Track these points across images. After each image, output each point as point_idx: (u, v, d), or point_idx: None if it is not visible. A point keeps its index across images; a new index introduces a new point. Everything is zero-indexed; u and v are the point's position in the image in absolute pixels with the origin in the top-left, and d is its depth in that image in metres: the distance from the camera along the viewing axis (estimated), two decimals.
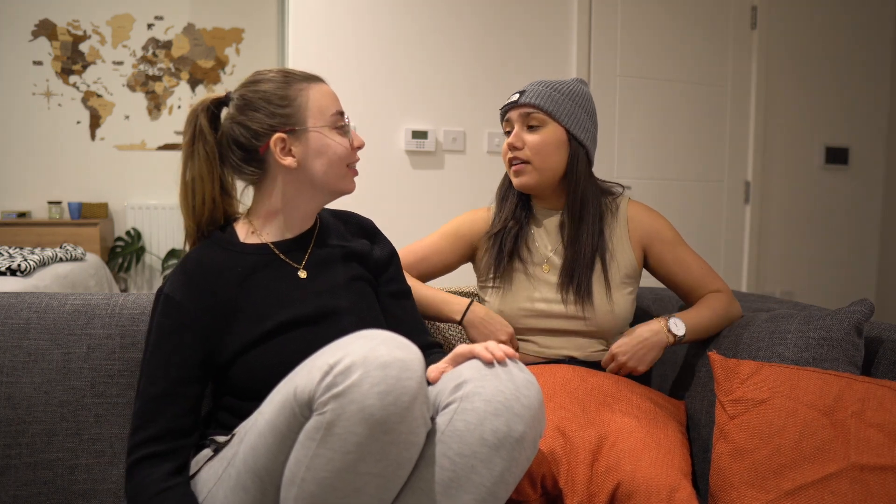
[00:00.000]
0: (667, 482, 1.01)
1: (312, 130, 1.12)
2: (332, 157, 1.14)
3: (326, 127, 1.13)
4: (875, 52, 3.41)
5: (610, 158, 3.02)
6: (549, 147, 1.38)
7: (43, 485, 1.23)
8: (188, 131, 1.15)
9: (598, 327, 1.39)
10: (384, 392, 0.81)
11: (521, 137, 1.39)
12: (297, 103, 1.12)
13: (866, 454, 0.98)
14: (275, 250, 1.16)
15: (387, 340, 0.86)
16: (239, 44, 4.48)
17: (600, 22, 2.94)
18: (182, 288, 1.09)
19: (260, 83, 1.14)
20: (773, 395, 1.09)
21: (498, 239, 1.45)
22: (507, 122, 1.44)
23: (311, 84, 1.14)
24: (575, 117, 1.40)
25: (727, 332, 1.37)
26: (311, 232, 1.21)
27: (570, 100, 1.40)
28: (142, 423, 1.04)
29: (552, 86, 1.40)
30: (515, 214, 1.46)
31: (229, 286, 1.11)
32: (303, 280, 1.15)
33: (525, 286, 1.43)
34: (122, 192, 4.39)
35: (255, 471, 0.91)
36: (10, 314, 1.28)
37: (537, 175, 1.40)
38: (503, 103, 1.48)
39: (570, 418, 1.13)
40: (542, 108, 1.38)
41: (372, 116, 2.74)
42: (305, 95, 1.13)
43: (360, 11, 2.70)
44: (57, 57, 4.27)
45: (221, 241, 1.16)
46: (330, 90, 1.16)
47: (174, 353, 1.06)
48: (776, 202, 3.31)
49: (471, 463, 0.87)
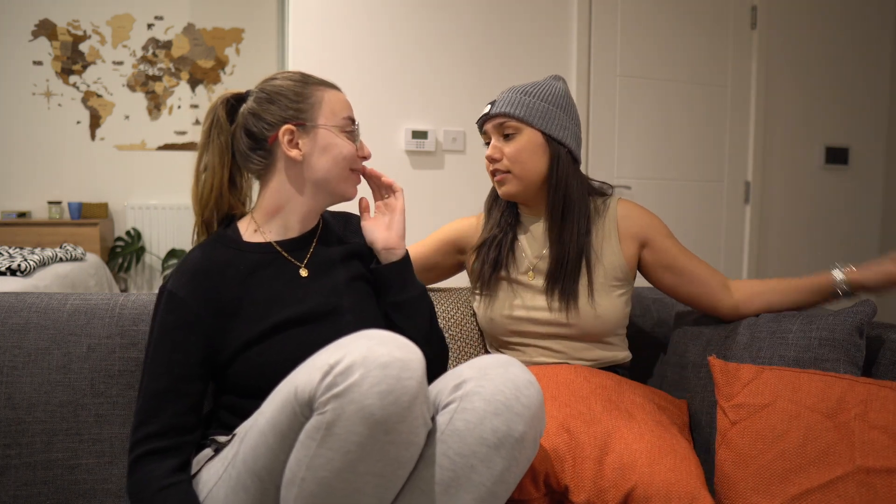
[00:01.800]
0: (687, 490, 1.00)
1: (322, 127, 1.15)
2: (337, 156, 1.16)
3: (336, 127, 1.16)
4: (875, 53, 3.41)
5: (610, 158, 3.02)
6: (526, 153, 1.37)
7: (43, 485, 1.22)
8: (206, 122, 1.19)
9: (582, 332, 1.36)
10: (384, 392, 0.81)
11: (498, 148, 1.39)
12: (310, 101, 1.16)
13: (871, 457, 0.98)
14: (278, 248, 1.17)
15: (387, 340, 0.86)
16: (239, 44, 4.48)
17: (600, 22, 2.94)
18: (185, 285, 1.09)
19: (278, 80, 1.17)
20: (775, 399, 1.09)
21: (483, 250, 1.45)
22: (485, 133, 1.43)
23: (327, 88, 1.19)
24: (550, 117, 1.37)
25: (727, 333, 1.37)
26: (314, 232, 1.22)
27: (542, 101, 1.37)
28: (144, 419, 1.04)
29: (523, 90, 1.38)
30: (501, 224, 1.46)
31: (232, 284, 1.11)
32: (304, 279, 1.16)
33: (509, 294, 1.42)
34: (122, 192, 4.39)
35: (255, 471, 0.91)
36: (10, 314, 1.27)
37: (518, 182, 1.38)
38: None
39: (574, 416, 1.13)
40: (513, 115, 1.36)
41: (372, 116, 2.74)
42: (320, 96, 1.17)
43: (360, 11, 2.70)
44: (57, 57, 4.27)
45: (225, 238, 1.17)
46: (344, 98, 1.20)
47: (176, 350, 1.06)
48: (776, 202, 3.31)
49: (471, 462, 0.87)
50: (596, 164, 2.99)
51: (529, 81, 1.43)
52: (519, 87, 1.40)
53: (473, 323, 1.56)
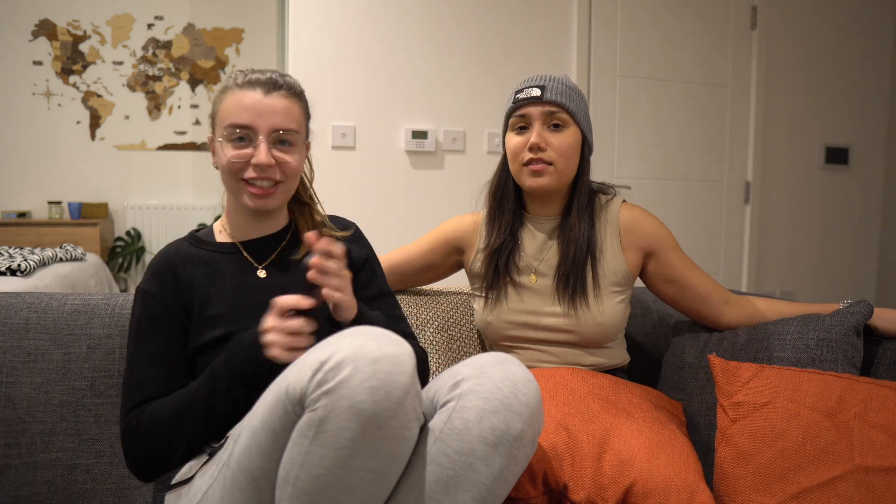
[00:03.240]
0: (686, 483, 1.00)
1: (215, 140, 1.15)
2: (222, 168, 1.14)
3: (223, 138, 1.12)
4: (875, 52, 3.41)
5: (610, 158, 3.02)
6: (571, 149, 1.33)
7: (43, 485, 1.23)
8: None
9: (582, 337, 1.34)
10: (375, 387, 0.81)
11: (545, 137, 1.31)
12: (217, 109, 1.15)
13: (870, 456, 0.98)
14: (239, 248, 1.19)
15: (377, 336, 0.86)
16: (239, 44, 4.48)
17: (600, 22, 2.94)
18: (152, 280, 1.14)
19: (225, 78, 1.17)
20: (775, 398, 1.09)
21: (496, 256, 1.40)
22: (522, 118, 1.34)
23: (236, 92, 1.12)
24: (587, 118, 1.37)
25: (726, 333, 1.37)
26: (284, 234, 1.23)
27: (580, 98, 1.36)
28: (128, 399, 1.08)
29: (565, 84, 1.34)
30: (513, 228, 1.40)
31: (193, 279, 1.15)
32: (262, 279, 1.17)
33: (513, 297, 1.38)
34: (122, 192, 4.39)
35: (249, 471, 0.91)
36: (10, 314, 1.27)
37: (558, 177, 1.33)
38: (515, 93, 1.38)
39: (573, 415, 1.13)
40: (567, 107, 1.31)
41: (372, 116, 2.74)
42: (221, 104, 1.13)
43: (360, 11, 2.70)
44: (57, 57, 4.27)
45: (193, 238, 1.21)
46: (246, 99, 1.10)
47: (153, 342, 1.10)
48: (776, 202, 3.31)
49: (469, 461, 0.87)
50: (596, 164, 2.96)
51: (549, 74, 1.37)
52: (558, 77, 1.35)
53: (473, 324, 1.56)
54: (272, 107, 1.11)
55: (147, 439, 1.04)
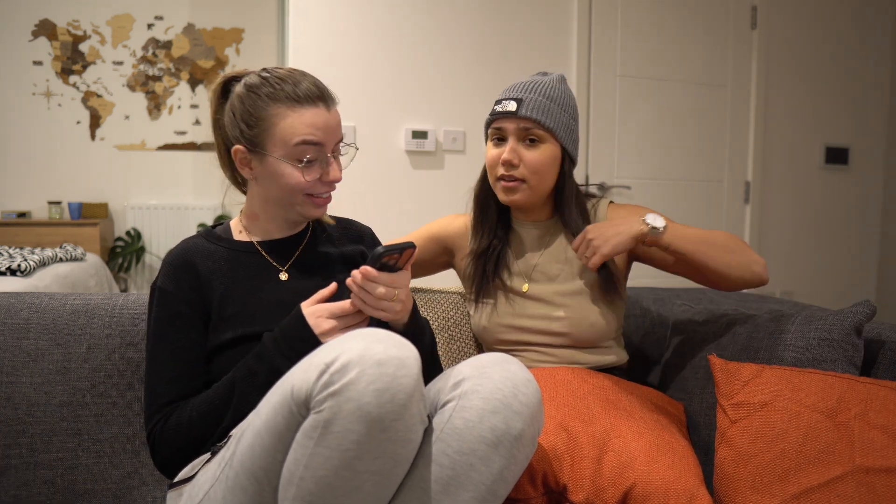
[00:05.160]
0: (686, 487, 1.00)
1: (269, 156, 1.10)
2: (285, 186, 1.11)
3: (287, 156, 1.09)
4: (875, 52, 3.41)
5: (610, 158, 3.02)
6: (546, 166, 1.31)
7: (43, 485, 1.23)
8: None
9: (576, 340, 1.35)
10: (381, 390, 0.81)
11: (517, 153, 1.30)
12: (262, 125, 1.09)
13: (871, 456, 0.98)
14: (259, 249, 1.18)
15: (383, 339, 0.86)
16: (239, 44, 4.48)
17: (600, 22, 2.94)
18: (169, 278, 1.13)
19: (240, 86, 1.12)
20: (775, 398, 1.09)
21: (482, 260, 1.40)
22: (498, 130, 1.33)
23: (295, 109, 1.08)
24: (570, 131, 1.34)
25: (726, 332, 1.36)
26: (303, 235, 1.22)
27: (562, 110, 1.32)
28: (152, 400, 1.08)
29: (547, 95, 1.31)
30: (498, 233, 1.40)
31: (213, 277, 1.13)
32: (283, 282, 1.16)
33: (503, 303, 1.39)
34: (122, 192, 4.39)
35: (252, 471, 0.91)
36: (10, 314, 1.27)
37: (530, 193, 1.33)
38: (495, 103, 1.36)
39: (573, 415, 1.12)
40: (543, 123, 1.29)
41: (372, 116, 2.74)
42: (273, 120, 1.08)
43: (360, 11, 2.70)
44: (57, 57, 4.27)
45: (212, 234, 1.20)
46: (315, 117, 1.09)
47: (174, 340, 1.09)
48: (776, 202, 3.31)
49: (470, 461, 0.87)
50: (596, 164, 2.99)
51: (532, 83, 1.34)
52: (539, 88, 1.32)
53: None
54: (336, 122, 1.13)
55: (176, 442, 1.04)
